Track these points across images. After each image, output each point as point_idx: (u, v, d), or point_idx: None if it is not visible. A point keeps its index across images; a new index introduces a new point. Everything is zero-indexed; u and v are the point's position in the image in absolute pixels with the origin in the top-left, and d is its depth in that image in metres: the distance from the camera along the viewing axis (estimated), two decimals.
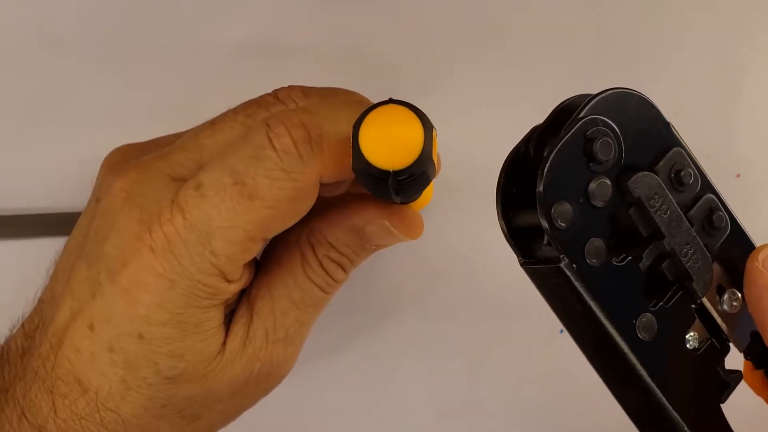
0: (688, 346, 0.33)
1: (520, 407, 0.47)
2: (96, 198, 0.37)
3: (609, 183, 0.31)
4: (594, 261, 0.31)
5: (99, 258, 0.35)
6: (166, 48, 0.45)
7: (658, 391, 0.32)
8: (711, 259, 0.33)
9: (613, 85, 0.32)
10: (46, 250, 0.39)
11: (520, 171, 0.32)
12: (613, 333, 0.31)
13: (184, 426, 0.37)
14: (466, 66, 0.48)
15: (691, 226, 0.33)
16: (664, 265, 0.32)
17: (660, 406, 0.32)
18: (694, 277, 0.32)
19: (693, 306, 0.33)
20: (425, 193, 0.39)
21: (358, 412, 0.46)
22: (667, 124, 0.33)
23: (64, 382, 0.35)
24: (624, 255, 0.32)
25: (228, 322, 0.37)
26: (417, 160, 0.32)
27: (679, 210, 0.32)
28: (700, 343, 0.33)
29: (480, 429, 0.47)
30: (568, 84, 0.49)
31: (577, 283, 0.31)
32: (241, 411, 0.39)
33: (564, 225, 0.30)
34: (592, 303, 0.31)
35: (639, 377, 0.32)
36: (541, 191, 0.30)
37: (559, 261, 0.31)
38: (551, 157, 0.30)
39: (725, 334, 0.34)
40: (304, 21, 0.46)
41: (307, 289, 0.38)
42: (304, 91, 0.38)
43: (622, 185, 0.31)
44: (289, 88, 0.38)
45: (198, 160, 0.36)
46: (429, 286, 0.47)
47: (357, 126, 0.32)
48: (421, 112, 0.32)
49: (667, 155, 0.32)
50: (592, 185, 0.31)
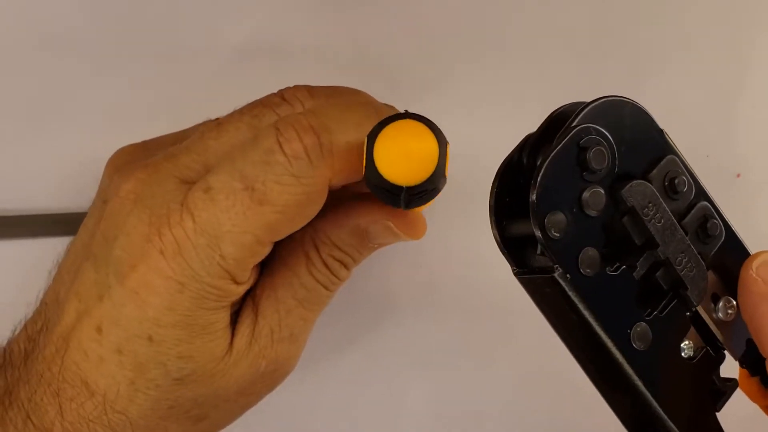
0: (683, 354, 0.33)
1: (519, 409, 0.47)
2: (102, 199, 0.37)
3: (602, 192, 0.31)
4: (588, 271, 0.31)
5: (107, 260, 0.35)
6: (167, 48, 0.45)
7: (653, 401, 0.32)
8: (706, 267, 0.33)
9: (612, 86, 0.32)
10: (47, 250, 0.39)
11: (514, 180, 0.32)
12: (608, 343, 0.31)
13: (191, 426, 0.37)
14: (466, 66, 0.47)
15: (686, 234, 0.32)
16: (658, 273, 0.32)
17: (655, 415, 0.32)
18: (688, 286, 0.32)
19: (688, 314, 0.33)
20: None
21: (358, 413, 0.46)
22: (660, 132, 0.33)
23: (70, 385, 0.35)
24: (618, 264, 0.32)
25: (233, 322, 0.37)
26: (431, 177, 0.32)
27: (673, 218, 0.32)
28: (695, 352, 0.33)
29: (479, 431, 0.47)
30: (568, 84, 0.49)
31: (571, 294, 0.31)
32: (246, 408, 0.39)
33: (558, 235, 0.30)
34: (586, 313, 0.31)
35: (634, 386, 0.32)
36: (534, 201, 0.30)
37: (553, 271, 0.30)
38: (544, 166, 0.30)
39: (720, 342, 0.34)
40: (305, 21, 0.46)
41: (312, 288, 0.38)
42: (310, 90, 0.38)
43: (615, 194, 0.31)
44: (295, 88, 0.38)
45: (205, 162, 0.36)
46: (428, 287, 0.47)
47: (372, 138, 0.32)
48: (436, 127, 0.32)
49: (661, 163, 0.32)
50: (586, 194, 0.31)
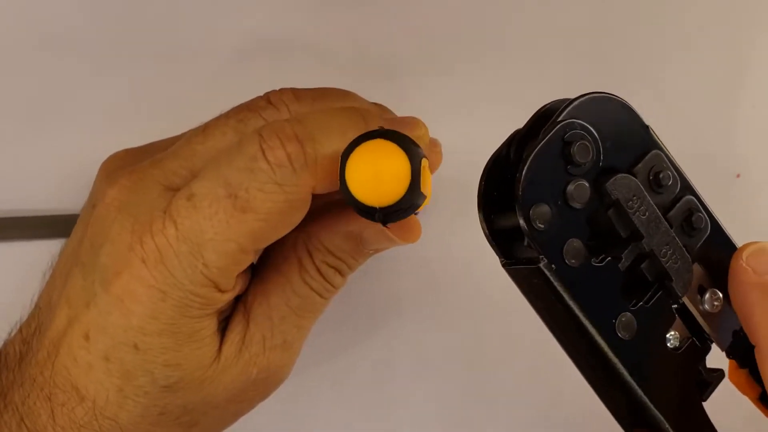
0: (668, 345, 0.34)
1: (519, 409, 0.47)
2: (92, 204, 0.37)
3: (587, 185, 0.32)
4: (573, 261, 0.31)
5: (93, 267, 0.35)
6: (167, 48, 0.45)
7: (638, 389, 0.32)
8: (691, 260, 0.33)
9: (612, 86, 0.33)
10: (45, 251, 0.39)
11: (502, 174, 0.32)
12: (593, 332, 0.32)
13: None
14: (466, 66, 0.48)
15: (671, 227, 0.33)
16: (643, 265, 0.33)
17: (641, 404, 0.33)
18: (673, 278, 0.33)
19: (674, 306, 0.34)
20: None
21: (357, 415, 0.46)
22: (646, 128, 0.33)
23: (61, 390, 0.35)
24: (603, 256, 0.32)
25: (223, 328, 0.37)
26: (404, 197, 0.32)
27: (657, 211, 0.33)
28: (680, 342, 0.34)
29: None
30: (568, 84, 0.49)
31: (556, 283, 0.31)
32: (239, 416, 0.39)
33: (543, 226, 0.31)
34: (571, 302, 0.31)
35: (619, 375, 0.32)
36: (519, 193, 0.31)
37: (539, 261, 0.31)
38: (529, 159, 0.31)
39: (707, 334, 0.35)
40: (305, 21, 0.46)
41: (305, 295, 0.37)
42: (296, 93, 0.38)
43: (600, 187, 0.32)
44: (281, 91, 0.38)
45: (191, 168, 0.36)
46: (428, 288, 0.47)
47: (344, 159, 0.32)
48: (409, 144, 0.32)
49: (646, 158, 0.33)
50: (570, 187, 0.31)
